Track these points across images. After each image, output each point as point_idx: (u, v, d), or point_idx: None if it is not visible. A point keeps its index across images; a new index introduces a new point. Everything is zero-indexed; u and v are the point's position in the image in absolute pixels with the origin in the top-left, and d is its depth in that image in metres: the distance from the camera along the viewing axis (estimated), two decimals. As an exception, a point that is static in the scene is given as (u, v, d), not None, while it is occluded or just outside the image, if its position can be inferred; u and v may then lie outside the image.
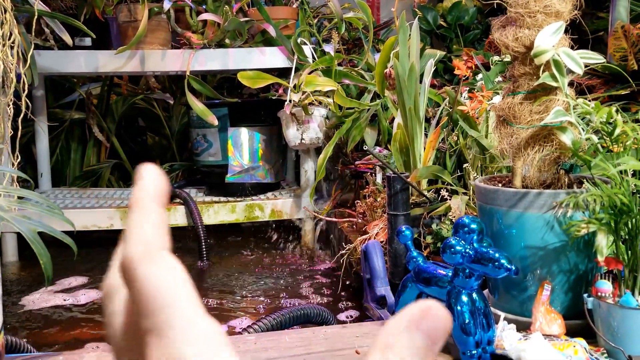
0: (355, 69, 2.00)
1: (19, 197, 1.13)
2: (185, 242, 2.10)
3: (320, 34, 2.12)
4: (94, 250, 1.86)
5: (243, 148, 2.13)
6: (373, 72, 1.80)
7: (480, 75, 1.63)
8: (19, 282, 1.78)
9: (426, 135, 1.48)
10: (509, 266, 0.77)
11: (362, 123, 1.81)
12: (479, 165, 1.38)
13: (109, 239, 1.94)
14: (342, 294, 1.59)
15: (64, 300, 1.59)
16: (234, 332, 1.28)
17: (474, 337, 0.82)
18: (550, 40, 0.87)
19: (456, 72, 1.58)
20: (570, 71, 0.89)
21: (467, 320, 0.81)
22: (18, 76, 1.42)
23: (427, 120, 1.61)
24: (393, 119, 1.69)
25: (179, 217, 2.01)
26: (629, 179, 0.78)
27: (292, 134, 1.93)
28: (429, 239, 1.32)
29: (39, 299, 1.59)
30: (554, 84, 0.88)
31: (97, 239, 1.98)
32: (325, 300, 1.56)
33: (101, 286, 0.23)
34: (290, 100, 1.86)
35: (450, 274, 0.84)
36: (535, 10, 0.89)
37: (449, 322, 0.20)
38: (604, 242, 0.77)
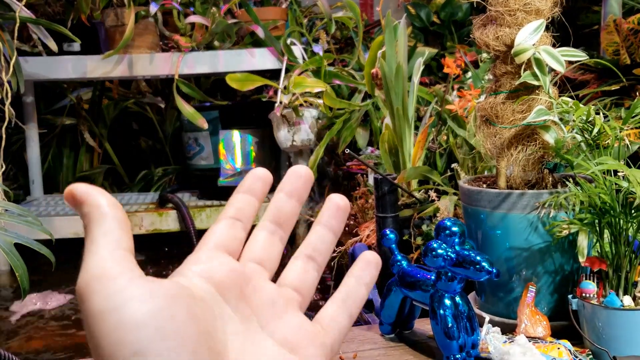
0: (346, 68, 1.99)
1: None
2: (178, 247, 2.09)
3: (311, 34, 2.11)
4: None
5: (235, 151, 2.12)
6: (364, 71, 1.78)
7: (470, 73, 1.61)
8: (7, 292, 1.77)
9: (417, 134, 1.47)
10: (490, 269, 0.76)
11: (353, 123, 1.80)
12: (469, 164, 1.37)
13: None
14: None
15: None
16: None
17: (457, 341, 0.80)
18: (531, 39, 0.86)
19: (445, 70, 1.57)
20: (551, 69, 0.87)
21: (450, 324, 0.80)
22: (2, 83, 1.42)
23: (420, 119, 1.60)
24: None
25: (171, 222, 2.00)
26: (611, 178, 0.77)
27: (283, 136, 1.92)
28: (419, 240, 1.30)
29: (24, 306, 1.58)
30: (535, 82, 0.87)
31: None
32: (315, 304, 1.55)
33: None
34: (280, 102, 1.85)
35: (433, 278, 0.83)
36: (515, 8, 0.87)
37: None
38: (585, 243, 0.76)
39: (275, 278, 0.29)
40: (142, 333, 0.21)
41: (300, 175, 0.30)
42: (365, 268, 0.30)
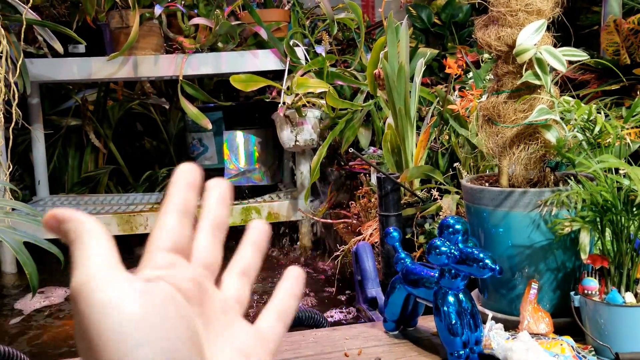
0: (349, 69, 2.00)
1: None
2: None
3: (313, 35, 2.12)
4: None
5: (239, 151, 2.13)
6: (366, 72, 1.79)
7: (471, 74, 1.62)
8: (14, 291, 1.79)
9: (419, 134, 1.48)
10: (493, 266, 0.77)
11: (356, 124, 1.81)
12: (471, 164, 1.38)
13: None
14: (337, 295, 1.59)
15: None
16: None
17: (461, 337, 0.82)
18: (532, 39, 0.87)
19: (447, 70, 1.58)
20: (553, 69, 0.89)
21: (453, 321, 0.81)
22: (8, 85, 1.43)
23: (422, 119, 1.61)
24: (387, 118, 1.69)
25: (176, 221, 2.01)
26: (612, 176, 0.78)
27: (286, 136, 1.93)
28: (421, 239, 1.31)
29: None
30: (537, 82, 0.88)
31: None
32: (320, 302, 1.57)
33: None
34: (283, 103, 1.86)
35: (437, 275, 0.84)
36: (516, 8, 0.88)
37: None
38: (587, 240, 0.77)
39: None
40: (145, 325, 0.22)
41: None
42: (295, 283, 0.32)
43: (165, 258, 0.26)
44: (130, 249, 2.13)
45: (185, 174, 0.29)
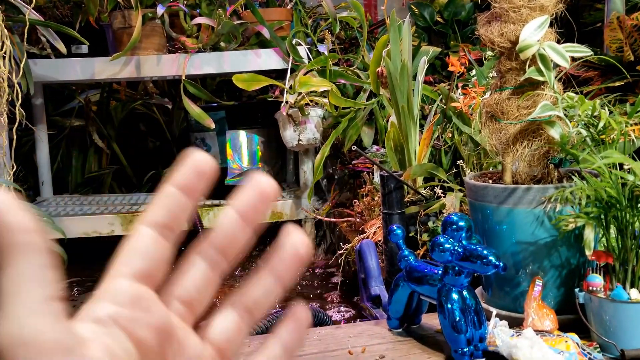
0: (351, 68, 2.00)
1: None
2: (186, 245, 2.11)
3: (315, 34, 2.12)
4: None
5: (242, 150, 2.13)
6: (368, 70, 1.79)
7: (474, 71, 1.62)
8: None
9: (422, 132, 1.48)
10: (497, 262, 0.77)
11: (359, 122, 1.81)
12: (474, 161, 1.38)
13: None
14: (340, 293, 1.59)
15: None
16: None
17: (465, 334, 0.81)
18: (535, 35, 0.87)
19: (450, 68, 1.58)
20: (556, 65, 0.88)
21: (457, 318, 0.81)
22: (12, 85, 1.44)
23: (425, 117, 1.61)
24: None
25: (179, 221, 2.02)
26: (617, 172, 0.77)
27: (289, 135, 1.93)
28: (425, 237, 1.31)
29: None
30: (540, 78, 0.88)
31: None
32: (323, 300, 1.57)
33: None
34: (286, 102, 1.86)
35: (440, 272, 0.84)
36: (519, 4, 0.88)
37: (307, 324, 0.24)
38: (591, 236, 0.77)
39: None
40: None
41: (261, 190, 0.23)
42: (299, 329, 0.24)
43: (129, 290, 0.21)
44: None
45: (188, 169, 0.22)
